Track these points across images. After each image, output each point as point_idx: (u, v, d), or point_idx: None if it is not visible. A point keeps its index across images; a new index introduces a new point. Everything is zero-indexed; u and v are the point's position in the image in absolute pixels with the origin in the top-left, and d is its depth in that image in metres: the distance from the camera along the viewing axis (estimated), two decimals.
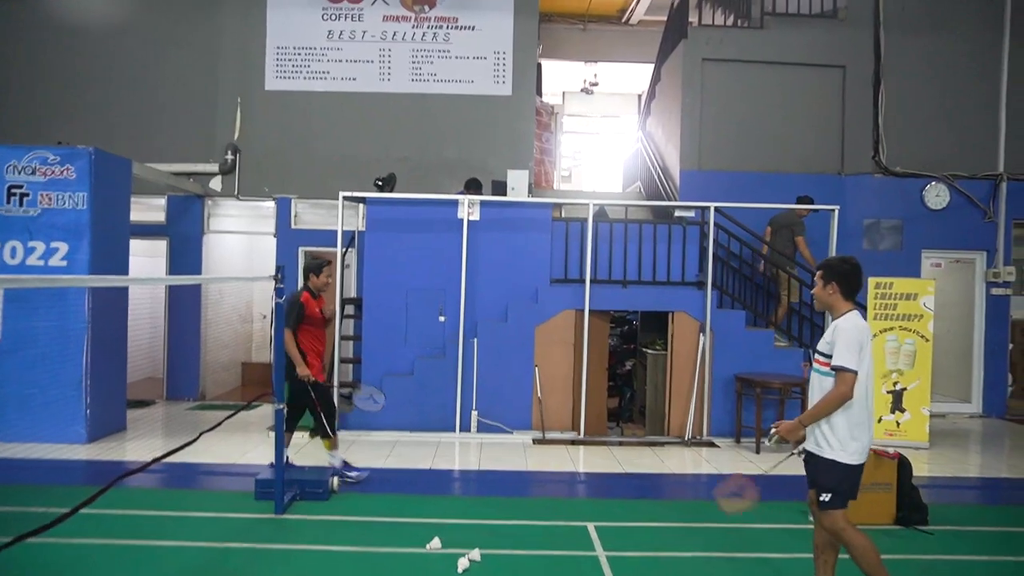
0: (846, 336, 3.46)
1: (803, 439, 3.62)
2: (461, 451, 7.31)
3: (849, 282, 3.61)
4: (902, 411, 7.72)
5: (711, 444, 7.79)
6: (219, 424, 4.73)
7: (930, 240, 9.75)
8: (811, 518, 3.82)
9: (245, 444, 7.22)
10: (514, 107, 9.84)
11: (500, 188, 8.33)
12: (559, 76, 15.11)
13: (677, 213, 8.24)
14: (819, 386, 3.62)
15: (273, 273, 5.04)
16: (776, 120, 9.72)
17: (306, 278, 6.03)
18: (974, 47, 9.84)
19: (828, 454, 3.52)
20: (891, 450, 5.31)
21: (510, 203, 8.15)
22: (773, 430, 3.68)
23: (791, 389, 7.51)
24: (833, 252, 8.04)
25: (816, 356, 3.68)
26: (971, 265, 10.01)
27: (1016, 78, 9.81)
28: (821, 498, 3.53)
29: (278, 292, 5.05)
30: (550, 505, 5.63)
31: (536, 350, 7.89)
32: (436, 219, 8.00)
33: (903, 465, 5.20)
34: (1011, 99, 9.82)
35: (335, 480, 5.69)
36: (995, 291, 9.86)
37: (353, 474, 5.95)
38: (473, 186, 8.53)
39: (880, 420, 7.63)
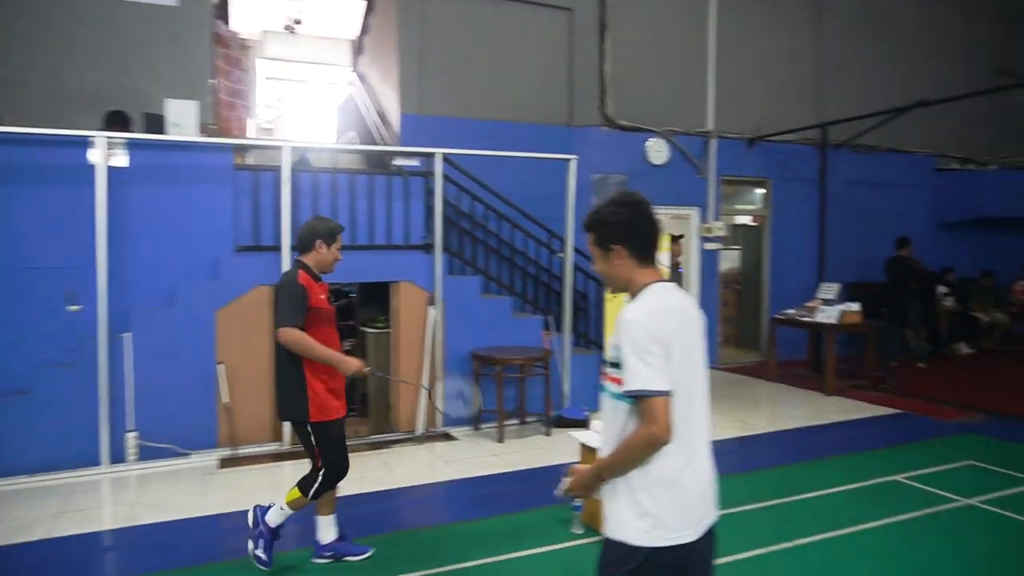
0: (633, 335, 1.99)
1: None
2: (111, 494, 5.18)
3: (638, 233, 2.14)
4: None
5: (447, 436, 6.62)
6: None
7: (653, 195, 8.95)
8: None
9: None
10: (182, 21, 7.42)
11: (157, 124, 6.11)
12: (256, 10, 12.60)
13: (396, 161, 6.81)
14: (611, 415, 2.12)
15: None
16: (505, 63, 8.72)
17: (303, 250, 3.80)
18: (687, 4, 9.79)
19: (607, 526, 2.11)
20: None
21: (173, 144, 5.99)
22: (564, 479, 2.26)
23: (533, 365, 6.61)
24: (571, 209, 7.26)
25: (604, 367, 2.18)
26: (687, 220, 10.13)
27: (723, 39, 9.97)
28: None
29: None
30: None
31: (219, 341, 5.96)
32: (59, 165, 5.60)
33: None
34: (719, 59, 9.97)
35: None
36: (708, 246, 10.10)
37: (355, 556, 4.01)
38: (117, 121, 6.19)
39: None
